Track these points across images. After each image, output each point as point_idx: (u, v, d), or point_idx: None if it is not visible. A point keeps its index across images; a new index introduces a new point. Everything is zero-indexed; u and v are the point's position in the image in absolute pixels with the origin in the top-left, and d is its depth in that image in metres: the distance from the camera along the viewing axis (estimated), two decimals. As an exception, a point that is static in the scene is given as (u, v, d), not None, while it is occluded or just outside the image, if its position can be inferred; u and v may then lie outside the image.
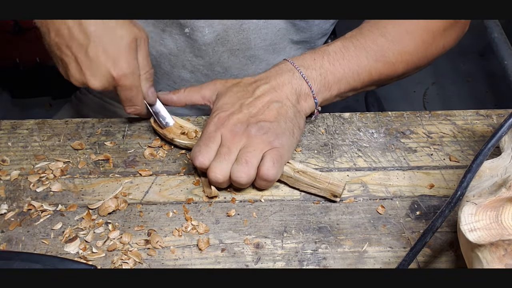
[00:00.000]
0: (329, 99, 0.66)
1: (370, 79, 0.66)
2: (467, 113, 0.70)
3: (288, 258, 0.55)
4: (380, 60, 0.65)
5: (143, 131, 0.68)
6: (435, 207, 0.60)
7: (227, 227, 0.58)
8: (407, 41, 0.67)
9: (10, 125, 0.69)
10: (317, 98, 0.64)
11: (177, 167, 0.64)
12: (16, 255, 0.52)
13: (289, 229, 0.58)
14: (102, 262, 0.55)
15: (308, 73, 0.63)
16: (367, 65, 0.65)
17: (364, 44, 0.65)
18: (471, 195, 0.47)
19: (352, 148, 0.66)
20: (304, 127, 0.64)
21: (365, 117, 0.70)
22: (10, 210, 0.60)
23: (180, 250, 0.56)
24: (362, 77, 0.65)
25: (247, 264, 0.55)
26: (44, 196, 0.61)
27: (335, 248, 0.56)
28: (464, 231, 0.44)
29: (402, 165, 0.64)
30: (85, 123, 0.69)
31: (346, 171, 0.63)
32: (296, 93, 0.62)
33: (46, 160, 0.65)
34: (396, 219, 0.59)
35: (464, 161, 0.64)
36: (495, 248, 0.42)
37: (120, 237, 0.57)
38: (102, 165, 0.64)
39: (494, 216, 0.44)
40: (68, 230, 0.58)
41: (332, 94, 0.65)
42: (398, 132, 0.68)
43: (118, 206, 0.59)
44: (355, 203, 0.60)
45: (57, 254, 0.56)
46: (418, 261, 0.55)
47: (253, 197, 0.61)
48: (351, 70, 0.64)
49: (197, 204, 0.60)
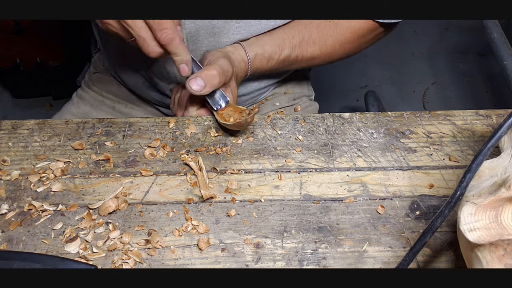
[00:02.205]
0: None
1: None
2: (466, 113, 0.70)
3: (288, 258, 0.55)
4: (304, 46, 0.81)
5: (143, 131, 0.68)
6: (435, 207, 0.60)
7: (227, 227, 0.58)
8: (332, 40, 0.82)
9: (11, 125, 0.69)
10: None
11: (177, 167, 0.64)
12: (17, 255, 0.52)
13: (289, 229, 0.58)
14: (102, 262, 0.55)
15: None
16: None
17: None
18: (471, 195, 0.47)
19: (352, 148, 0.66)
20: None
21: (365, 117, 0.70)
22: (10, 210, 0.60)
23: (180, 250, 0.56)
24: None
25: (247, 264, 0.55)
26: (45, 196, 0.61)
27: (335, 248, 0.56)
28: (463, 231, 0.44)
29: (402, 165, 0.64)
30: (86, 123, 0.69)
31: (346, 171, 0.64)
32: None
33: (47, 160, 0.65)
34: (396, 219, 0.59)
35: (463, 161, 0.64)
36: (494, 248, 0.42)
37: (120, 237, 0.57)
38: (103, 165, 0.65)
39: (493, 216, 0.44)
40: (69, 230, 0.58)
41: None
42: (398, 132, 0.68)
43: (119, 206, 0.59)
44: (355, 203, 0.60)
45: (57, 254, 0.56)
46: (418, 261, 0.55)
47: (253, 197, 0.61)
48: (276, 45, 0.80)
49: (197, 204, 0.60)
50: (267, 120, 0.70)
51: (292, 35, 0.80)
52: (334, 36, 0.81)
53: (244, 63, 0.77)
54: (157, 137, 0.67)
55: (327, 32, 0.81)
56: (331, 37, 0.81)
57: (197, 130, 0.69)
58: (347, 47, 0.83)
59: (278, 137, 0.68)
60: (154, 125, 0.69)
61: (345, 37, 0.82)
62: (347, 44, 0.83)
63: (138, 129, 0.69)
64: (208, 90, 0.67)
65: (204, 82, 0.67)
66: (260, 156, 0.65)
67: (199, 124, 0.70)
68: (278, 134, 0.68)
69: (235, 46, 0.78)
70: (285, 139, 0.67)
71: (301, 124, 0.69)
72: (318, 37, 0.81)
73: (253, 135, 0.68)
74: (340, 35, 0.82)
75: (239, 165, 0.64)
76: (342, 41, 0.82)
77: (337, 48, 0.83)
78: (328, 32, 0.81)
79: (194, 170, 0.63)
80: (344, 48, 0.83)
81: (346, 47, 0.83)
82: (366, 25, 0.81)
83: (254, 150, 0.66)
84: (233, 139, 0.67)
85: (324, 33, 0.81)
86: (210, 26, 0.77)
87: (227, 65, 0.71)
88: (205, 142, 0.67)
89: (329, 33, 0.81)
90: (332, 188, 0.62)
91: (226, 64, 0.71)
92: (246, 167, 0.64)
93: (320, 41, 0.81)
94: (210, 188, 0.62)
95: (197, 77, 0.67)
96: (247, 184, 0.62)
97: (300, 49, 0.81)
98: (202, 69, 0.68)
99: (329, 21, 0.81)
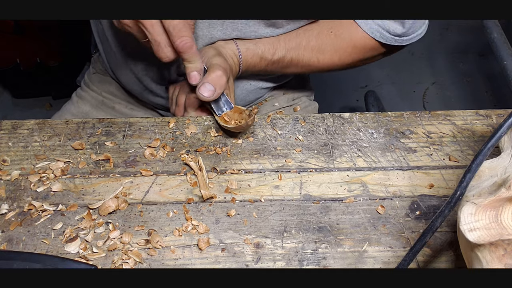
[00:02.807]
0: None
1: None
2: (466, 113, 0.70)
3: (288, 258, 0.55)
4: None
5: (143, 131, 0.68)
6: (435, 207, 0.60)
7: (227, 227, 0.58)
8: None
9: (11, 125, 0.69)
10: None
11: (177, 167, 0.64)
12: (17, 255, 0.52)
13: (289, 229, 0.58)
14: (102, 262, 0.55)
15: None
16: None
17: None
18: (471, 195, 0.47)
19: (352, 148, 0.66)
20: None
21: (365, 117, 0.70)
22: (10, 210, 0.60)
23: (180, 250, 0.56)
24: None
25: (247, 264, 0.55)
26: (45, 196, 0.61)
27: (335, 248, 0.56)
28: (463, 231, 0.44)
29: (401, 165, 0.64)
30: (86, 123, 0.69)
31: (346, 171, 0.64)
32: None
33: (47, 160, 0.65)
34: (396, 219, 0.59)
35: (463, 161, 0.64)
36: (494, 248, 0.42)
37: (120, 237, 0.57)
38: (103, 165, 0.65)
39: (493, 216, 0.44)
40: (69, 230, 0.58)
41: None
42: (398, 132, 0.68)
43: (119, 206, 0.59)
44: (355, 203, 0.60)
45: (57, 254, 0.56)
46: (418, 261, 0.55)
47: (253, 197, 0.61)
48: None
49: (197, 204, 0.60)
50: (267, 120, 0.70)
51: (289, 37, 0.79)
52: (333, 46, 0.80)
53: (236, 57, 0.77)
54: (157, 137, 0.67)
55: (326, 41, 0.80)
56: (330, 47, 0.80)
57: (197, 130, 0.69)
58: (345, 60, 0.82)
59: (278, 137, 0.68)
60: (154, 125, 0.69)
61: (345, 50, 0.81)
62: (346, 57, 0.82)
63: (138, 129, 0.69)
64: (219, 92, 0.67)
65: (213, 85, 0.67)
66: (260, 156, 0.65)
67: (199, 124, 0.70)
68: (278, 134, 0.68)
69: (227, 40, 0.78)
70: (285, 139, 0.67)
71: (301, 124, 0.69)
72: (317, 45, 0.80)
73: (253, 135, 0.68)
74: (339, 47, 0.81)
75: (239, 165, 0.64)
76: (341, 53, 0.81)
77: (335, 59, 0.82)
78: (327, 42, 0.80)
79: (194, 170, 0.63)
80: (342, 60, 0.82)
81: (344, 60, 0.82)
82: (369, 42, 0.80)
83: (254, 150, 0.66)
84: (233, 139, 0.67)
85: (323, 42, 0.80)
86: (207, 20, 0.76)
87: (224, 62, 0.71)
88: (205, 142, 0.67)
89: (328, 43, 0.80)
90: (332, 188, 0.62)
91: (222, 61, 0.71)
92: (246, 167, 0.64)
93: (319, 49, 0.80)
94: (210, 188, 0.62)
95: (205, 83, 0.66)
96: (247, 184, 0.62)
97: (296, 53, 0.80)
98: (206, 74, 0.68)
99: (330, 32, 0.80)
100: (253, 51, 0.78)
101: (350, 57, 0.82)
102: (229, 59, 0.75)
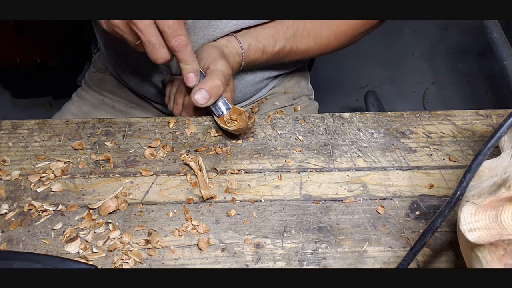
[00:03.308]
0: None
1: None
2: (466, 113, 0.70)
3: (288, 258, 0.55)
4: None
5: (143, 131, 0.68)
6: (435, 207, 0.60)
7: (227, 227, 0.58)
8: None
9: (11, 125, 0.69)
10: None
11: (177, 167, 0.64)
12: (17, 255, 0.52)
13: (289, 229, 0.58)
14: (102, 262, 0.55)
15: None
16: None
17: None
18: (471, 195, 0.47)
19: (352, 148, 0.66)
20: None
21: (365, 117, 0.70)
22: (10, 210, 0.60)
23: (180, 250, 0.56)
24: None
25: (247, 264, 0.55)
26: (45, 196, 0.61)
27: (335, 248, 0.56)
28: (463, 231, 0.44)
29: (401, 165, 0.64)
30: (86, 123, 0.69)
31: (346, 171, 0.64)
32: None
33: (47, 160, 0.65)
34: (396, 219, 0.59)
35: (463, 161, 0.64)
36: (494, 248, 0.42)
37: (120, 237, 0.57)
38: (103, 165, 0.65)
39: (493, 216, 0.44)
40: (69, 230, 0.58)
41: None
42: (397, 132, 0.68)
43: (119, 206, 0.59)
44: (355, 203, 0.60)
45: (57, 254, 0.56)
46: (418, 261, 0.55)
47: (253, 197, 0.61)
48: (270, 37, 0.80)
49: (197, 204, 0.60)
50: (267, 120, 0.70)
51: (286, 26, 0.80)
52: (329, 28, 0.81)
53: (238, 55, 0.77)
54: (157, 137, 0.67)
55: (321, 24, 0.81)
56: (325, 29, 0.81)
57: (197, 130, 0.69)
58: (341, 39, 0.83)
59: (278, 137, 0.68)
60: (154, 125, 0.69)
61: (340, 29, 0.82)
62: (342, 36, 0.83)
63: (138, 129, 0.69)
64: (212, 101, 0.67)
65: (209, 94, 0.66)
66: (260, 156, 0.65)
67: (199, 124, 0.70)
68: (278, 134, 0.68)
69: (229, 38, 0.77)
70: (285, 139, 0.67)
71: (301, 124, 0.69)
72: (313, 29, 0.81)
73: (253, 135, 0.68)
74: (335, 27, 0.82)
75: (239, 165, 0.64)
76: (337, 33, 0.82)
77: (332, 40, 0.83)
78: (322, 24, 0.81)
79: (194, 170, 0.63)
80: (339, 40, 0.83)
81: (340, 39, 0.83)
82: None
83: (254, 150, 0.66)
84: (233, 139, 0.67)
85: (318, 25, 0.81)
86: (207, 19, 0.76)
87: (226, 68, 0.70)
88: (205, 142, 0.67)
89: (323, 25, 0.81)
90: (332, 188, 0.62)
91: (225, 66, 0.70)
92: (246, 167, 0.64)
93: (315, 33, 0.81)
94: (210, 188, 0.62)
95: (201, 89, 0.66)
96: (247, 184, 0.62)
97: (295, 40, 0.80)
98: (205, 79, 0.67)
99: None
100: (255, 46, 0.78)
101: (345, 35, 0.83)
102: (231, 59, 0.75)
